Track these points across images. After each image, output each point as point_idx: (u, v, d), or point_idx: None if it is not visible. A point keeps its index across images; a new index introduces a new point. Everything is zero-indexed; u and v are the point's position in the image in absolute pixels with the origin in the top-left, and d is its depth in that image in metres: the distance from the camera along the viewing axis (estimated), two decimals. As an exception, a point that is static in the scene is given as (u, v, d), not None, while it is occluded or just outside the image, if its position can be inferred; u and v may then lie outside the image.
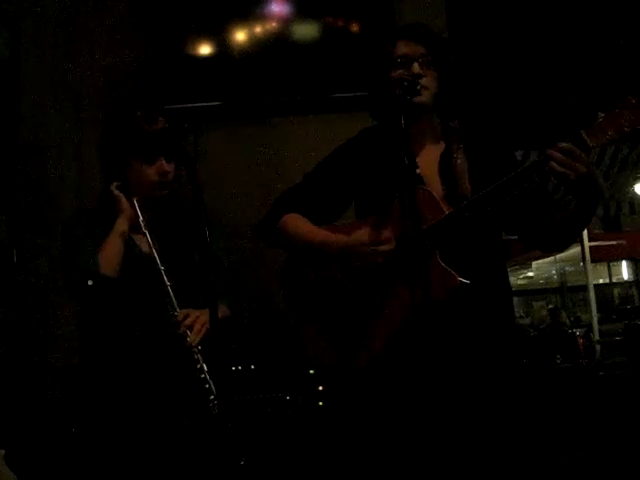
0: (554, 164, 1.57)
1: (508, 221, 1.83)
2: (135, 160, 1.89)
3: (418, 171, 1.81)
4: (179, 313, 1.83)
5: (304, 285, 1.87)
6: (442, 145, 1.86)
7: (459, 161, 1.80)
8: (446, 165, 1.81)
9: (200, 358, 1.80)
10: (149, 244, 1.87)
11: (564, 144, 1.57)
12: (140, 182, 1.90)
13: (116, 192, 1.91)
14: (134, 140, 1.86)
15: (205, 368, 1.79)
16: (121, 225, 1.88)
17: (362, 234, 1.72)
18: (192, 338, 1.82)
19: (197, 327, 1.83)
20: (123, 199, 1.90)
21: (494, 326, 1.75)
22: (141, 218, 1.87)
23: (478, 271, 1.72)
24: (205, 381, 1.77)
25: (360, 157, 1.91)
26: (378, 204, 1.80)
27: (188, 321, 1.83)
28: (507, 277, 1.88)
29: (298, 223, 1.87)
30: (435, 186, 1.78)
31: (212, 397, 1.75)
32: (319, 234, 1.82)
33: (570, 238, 1.84)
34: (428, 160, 1.84)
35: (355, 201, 1.95)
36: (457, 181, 1.77)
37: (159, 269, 1.84)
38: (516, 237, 1.91)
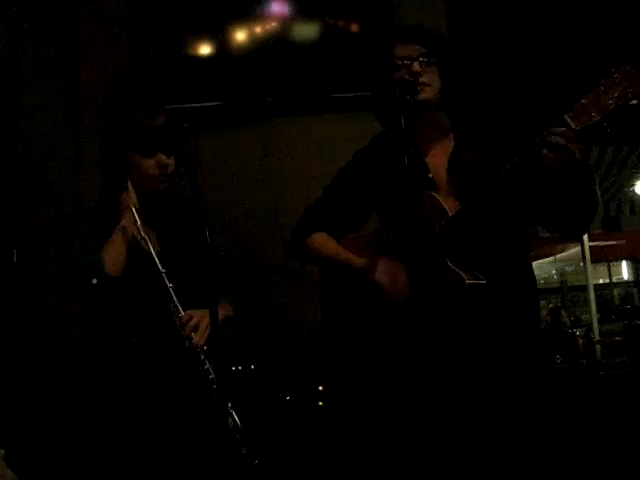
0: (547, 152, 1.51)
1: (524, 210, 1.78)
2: (135, 153, 1.90)
3: (430, 175, 1.80)
4: (183, 315, 1.83)
5: (336, 297, 1.93)
6: (451, 142, 1.85)
7: (470, 158, 1.79)
8: (457, 164, 1.80)
9: (206, 359, 1.80)
10: (149, 247, 1.87)
11: (557, 128, 1.51)
12: (140, 175, 1.91)
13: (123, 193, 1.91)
14: (134, 133, 1.87)
15: (212, 369, 1.79)
16: (125, 223, 1.88)
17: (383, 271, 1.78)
18: (197, 339, 1.82)
19: (202, 328, 1.83)
20: (128, 196, 1.90)
21: (518, 325, 1.73)
22: (139, 223, 1.86)
23: (500, 269, 1.70)
24: (213, 382, 1.77)
25: (375, 165, 1.93)
26: (397, 209, 1.79)
27: (193, 322, 1.82)
28: (532, 272, 1.82)
29: (322, 244, 1.94)
30: (447, 187, 1.78)
31: (220, 397, 1.74)
32: (342, 258, 1.88)
33: (583, 219, 1.73)
34: (438, 161, 1.83)
35: (376, 209, 1.96)
36: (469, 180, 1.75)
37: (160, 271, 1.84)
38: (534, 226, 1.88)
